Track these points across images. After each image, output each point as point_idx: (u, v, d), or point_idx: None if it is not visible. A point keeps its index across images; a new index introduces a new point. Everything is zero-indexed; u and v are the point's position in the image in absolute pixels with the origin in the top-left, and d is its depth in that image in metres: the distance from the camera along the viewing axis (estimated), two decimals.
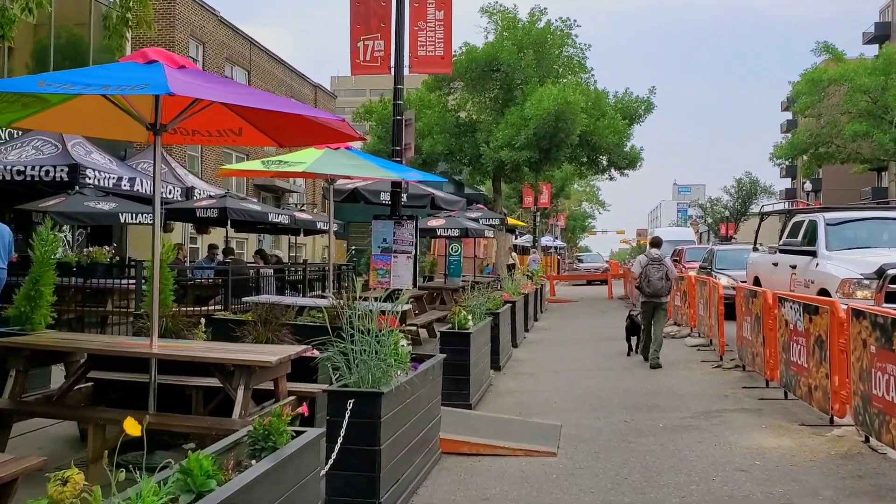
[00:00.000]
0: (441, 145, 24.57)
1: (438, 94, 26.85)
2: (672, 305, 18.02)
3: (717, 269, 20.25)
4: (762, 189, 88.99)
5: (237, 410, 5.02)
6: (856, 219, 11.71)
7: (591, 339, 15.30)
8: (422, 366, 5.78)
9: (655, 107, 27.37)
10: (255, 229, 16.75)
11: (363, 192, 12.22)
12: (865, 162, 33.93)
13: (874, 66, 31.31)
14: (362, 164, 9.32)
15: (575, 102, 22.36)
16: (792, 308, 8.14)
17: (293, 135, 6.40)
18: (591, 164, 28.67)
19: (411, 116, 10.80)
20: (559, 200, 53.75)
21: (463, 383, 8.33)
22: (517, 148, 23.43)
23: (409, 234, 10.87)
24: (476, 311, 9.74)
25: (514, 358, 12.38)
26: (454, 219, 16.58)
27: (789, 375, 8.27)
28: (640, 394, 9.21)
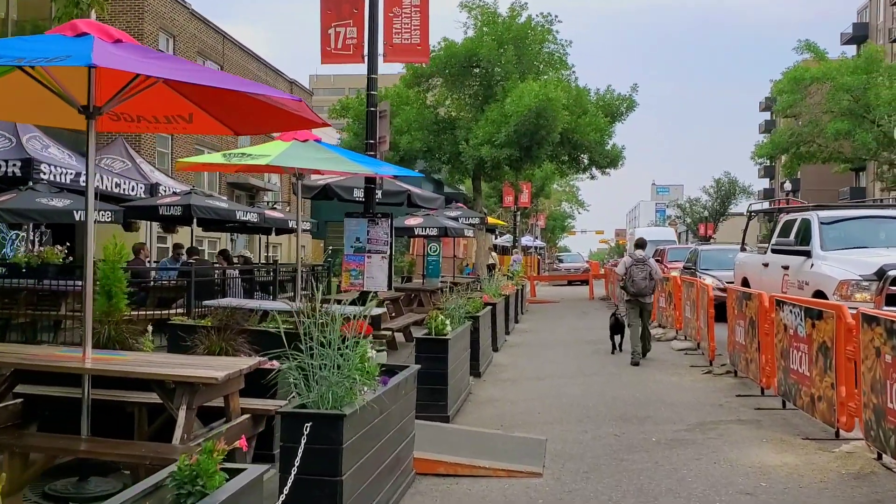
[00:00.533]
0: (419, 142, 23.91)
1: (417, 91, 26.21)
2: (657, 307, 17.54)
3: (701, 269, 19.78)
4: (741, 189, 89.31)
5: (178, 434, 4.37)
6: (851, 217, 11.24)
7: (574, 342, 14.75)
8: (392, 380, 5.15)
9: (637, 105, 26.95)
10: (224, 228, 16.02)
11: (335, 188, 11.56)
12: (847, 161, 33.73)
13: (856, 65, 31.08)
14: (332, 158, 8.67)
15: (556, 99, 21.82)
16: (792, 312, 7.61)
17: (249, 121, 5.75)
18: (572, 163, 28.18)
19: (386, 108, 10.17)
20: (539, 200, 53.30)
21: (440, 394, 7.72)
22: (497, 145, 22.85)
23: (383, 233, 10.23)
24: (454, 314, 9.14)
25: (494, 363, 11.78)
26: (432, 217, 15.96)
27: (789, 384, 7.74)
28: (630, 403, 8.64)
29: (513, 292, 16.81)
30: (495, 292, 14.14)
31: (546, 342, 14.93)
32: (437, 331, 8.03)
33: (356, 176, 10.78)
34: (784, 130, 34.29)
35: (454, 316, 9.09)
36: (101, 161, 15.74)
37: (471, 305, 11.20)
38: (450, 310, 9.17)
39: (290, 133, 9.10)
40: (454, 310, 9.25)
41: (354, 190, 11.17)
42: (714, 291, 11.90)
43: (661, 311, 16.83)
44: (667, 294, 16.25)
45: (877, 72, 30.00)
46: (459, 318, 9.24)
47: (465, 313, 9.98)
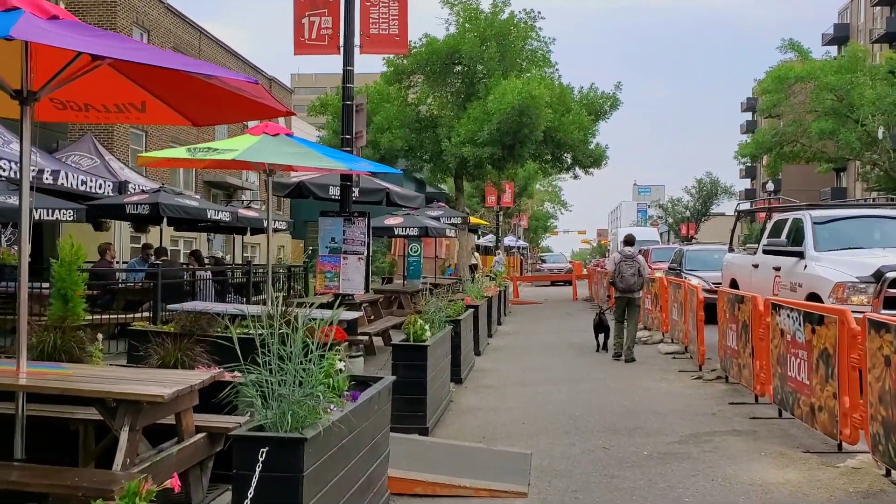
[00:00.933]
0: (401, 141, 23.43)
1: (398, 88, 25.71)
2: (642, 308, 17.17)
3: (687, 269, 19.46)
4: (723, 189, 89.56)
5: (119, 460, 3.87)
6: (845, 217, 10.89)
7: (558, 346, 14.33)
8: (364, 394, 4.68)
9: (621, 103, 26.62)
10: (197, 228, 15.47)
11: (309, 185, 11.05)
12: (830, 161, 33.61)
13: (840, 65, 30.96)
14: (305, 153, 8.18)
15: (540, 97, 21.42)
16: (790, 316, 7.21)
17: (207, 110, 5.26)
18: (555, 162, 27.80)
19: (363, 101, 9.70)
20: (522, 200, 52.96)
21: (419, 404, 7.25)
22: (480, 144, 22.41)
23: (360, 233, 9.75)
24: (434, 318, 8.67)
25: (476, 368, 11.33)
26: (413, 217, 15.48)
27: (785, 392, 7.34)
28: (618, 412, 8.22)
29: (495, 294, 16.39)
30: (478, 294, 13.70)
31: (530, 345, 14.51)
32: (416, 337, 7.56)
33: (331, 173, 10.28)
34: (768, 130, 34.16)
35: (434, 320, 8.62)
36: (67, 158, 15.16)
37: (452, 308, 10.75)
38: (430, 314, 8.70)
39: (259, 127, 8.61)
40: (434, 314, 8.78)
41: (330, 188, 10.68)
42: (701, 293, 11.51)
43: (647, 313, 16.47)
44: (653, 296, 15.90)
45: (860, 71, 29.87)
46: (440, 323, 8.78)
47: (446, 317, 9.52)
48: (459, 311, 10.85)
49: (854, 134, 29.54)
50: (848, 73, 30.07)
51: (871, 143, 30.52)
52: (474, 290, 13.66)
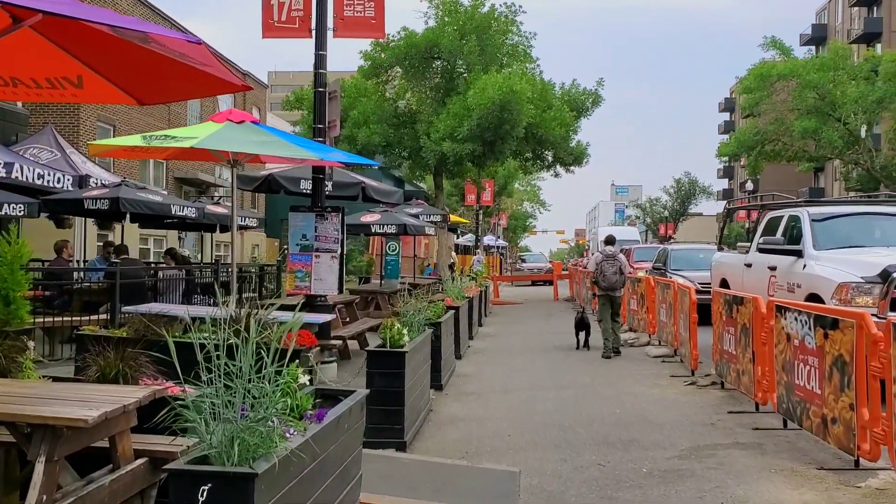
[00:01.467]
0: (378, 136, 22.74)
1: (376, 82, 25.03)
2: (627, 309, 16.68)
3: (671, 269, 18.99)
4: (701, 189, 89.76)
5: (32, 497, 3.20)
6: (844, 214, 10.40)
7: (541, 348, 13.75)
8: (332, 413, 4.04)
9: (603, 100, 26.12)
10: (163, 225, 14.71)
11: (279, 179, 10.36)
12: (812, 160, 33.40)
13: (822, 62, 30.74)
14: (272, 142, 7.51)
15: (521, 92, 20.84)
16: (798, 320, 6.66)
17: (152, 84, 4.60)
18: (535, 160, 27.24)
19: (336, 88, 9.05)
20: (501, 199, 52.45)
21: (396, 415, 6.63)
22: (460, 140, 21.80)
23: (333, 230, 9.10)
24: (413, 321, 8.05)
25: (458, 373, 10.72)
26: (391, 214, 14.83)
27: (792, 402, 6.80)
28: (610, 422, 7.64)
29: (476, 294, 15.79)
30: (458, 294, 13.10)
31: (512, 348, 13.92)
32: (393, 342, 6.93)
33: (303, 165, 9.61)
34: (749, 128, 33.89)
35: (412, 323, 8.00)
36: (25, 151, 14.34)
37: (432, 310, 10.14)
38: (408, 316, 8.08)
39: (223, 114, 7.94)
40: (412, 316, 8.16)
41: (301, 181, 10.00)
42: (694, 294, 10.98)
43: (633, 313, 15.97)
44: (639, 296, 15.37)
45: (843, 69, 29.65)
46: (419, 326, 8.16)
47: (426, 320, 8.91)
48: (440, 312, 10.25)
49: (837, 132, 29.30)
50: (830, 71, 29.84)
51: (853, 141, 30.31)
52: (455, 290, 13.04)
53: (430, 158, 22.76)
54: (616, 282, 12.37)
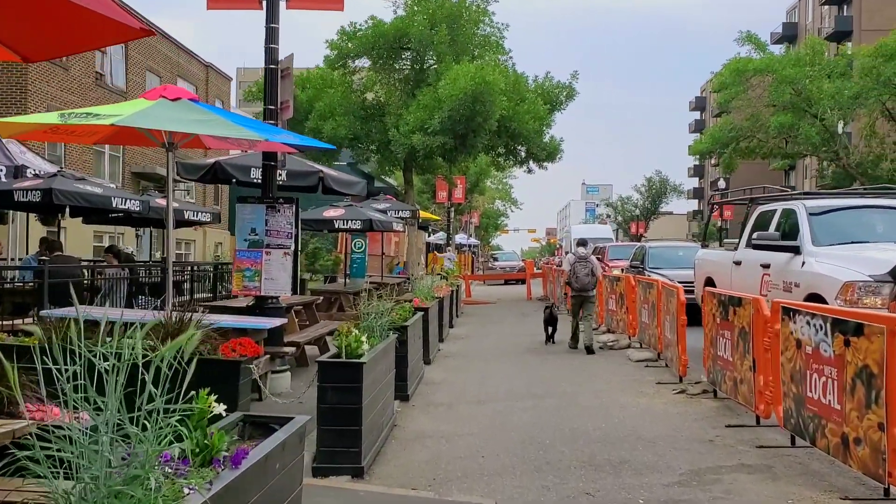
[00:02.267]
0: (345, 129, 21.73)
1: (343, 73, 24.02)
2: (605, 309, 15.92)
3: (650, 267, 18.28)
4: (672, 188, 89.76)
5: None
6: (843, 207, 9.67)
7: (516, 351, 12.90)
8: (253, 455, 3.10)
9: (578, 93, 25.36)
10: (109, 220, 13.59)
11: (227, 167, 9.35)
12: (787, 157, 32.98)
13: (798, 57, 30.30)
14: (211, 120, 6.55)
15: (494, 83, 19.99)
16: (811, 324, 5.86)
17: (36, 33, 3.63)
18: (508, 155, 26.41)
19: (289, 65, 8.09)
20: (473, 196, 51.63)
21: (352, 437, 5.71)
22: (430, 133, 20.88)
23: (286, 223, 8.15)
24: (375, 326, 7.14)
25: (426, 380, 9.83)
26: (356, 209, 13.87)
27: (804, 417, 5.99)
28: (596, 438, 6.79)
29: (447, 294, 14.91)
30: (427, 295, 12.20)
31: (485, 351, 13.05)
32: (350, 351, 6.01)
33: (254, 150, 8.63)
34: (724, 125, 33.40)
35: (374, 328, 7.09)
36: None
37: (398, 312, 9.24)
38: (369, 320, 7.16)
39: (157, 90, 6.96)
40: (374, 320, 7.24)
41: (252, 169, 9.00)
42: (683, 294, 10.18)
43: (611, 314, 15.19)
44: (618, 296, 14.59)
45: (819, 64, 29.22)
46: (381, 331, 7.24)
47: (390, 323, 8.01)
48: (406, 315, 9.35)
49: (814, 128, 28.87)
50: (806, 66, 29.40)
51: (829, 137, 29.92)
52: (424, 290, 12.15)
53: (400, 152, 21.81)
54: (588, 283, 12.80)
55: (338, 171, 13.61)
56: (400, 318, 8.96)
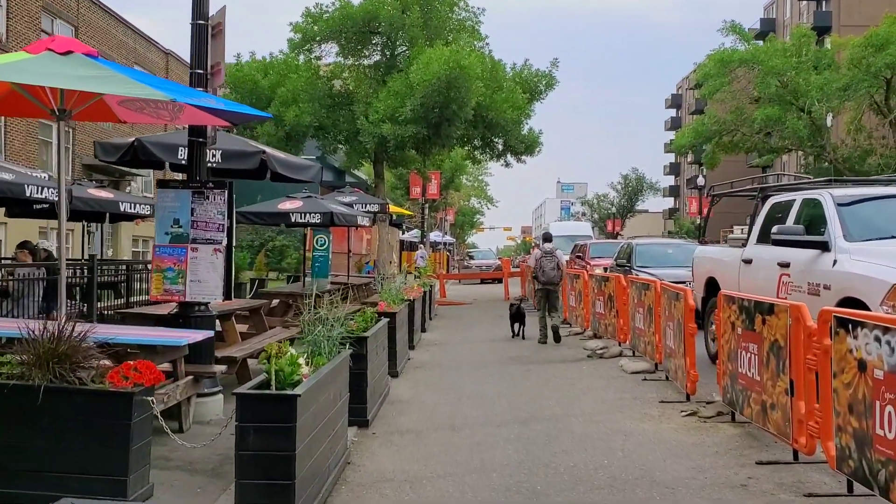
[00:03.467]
0: (309, 116, 20.14)
1: (308, 58, 22.46)
2: (590, 312, 14.56)
3: (637, 266, 16.96)
4: (648, 186, 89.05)
5: None
6: (877, 196, 8.37)
7: (496, 360, 11.51)
8: None
9: (558, 82, 24.03)
10: (34, 213, 11.94)
11: (150, 146, 7.74)
12: (772, 151, 31.91)
13: (785, 48, 29.22)
14: (107, 76, 5.06)
15: (470, 67, 18.56)
16: (884, 341, 4.50)
17: None
18: (485, 148, 24.99)
19: (221, 20, 6.60)
20: (449, 193, 50.19)
21: (282, 494, 4.27)
22: (401, 122, 19.42)
23: (216, 213, 6.67)
24: (322, 341, 5.69)
25: (392, 398, 8.40)
26: (316, 201, 12.34)
27: (871, 461, 4.64)
28: (600, 482, 5.40)
29: (419, 296, 13.48)
30: (396, 298, 10.76)
31: (460, 359, 11.65)
32: (282, 380, 4.57)
33: (178, 126, 7.12)
34: (707, 118, 32.23)
35: (321, 343, 5.65)
36: None
37: (359, 319, 7.83)
38: (315, 333, 5.71)
39: (43, 42, 5.46)
40: (323, 332, 5.79)
41: (180, 149, 7.44)
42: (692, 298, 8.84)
43: (598, 318, 13.80)
44: (606, 297, 13.21)
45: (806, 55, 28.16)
46: (332, 347, 5.79)
47: (346, 334, 6.59)
48: (367, 323, 7.94)
49: (802, 121, 27.80)
50: (793, 57, 28.33)
51: (816, 131, 28.90)
52: (391, 292, 10.71)
53: (369, 143, 20.30)
54: (554, 276, 13.24)
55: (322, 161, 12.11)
56: (360, 327, 7.53)
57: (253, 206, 13.54)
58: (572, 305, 15.67)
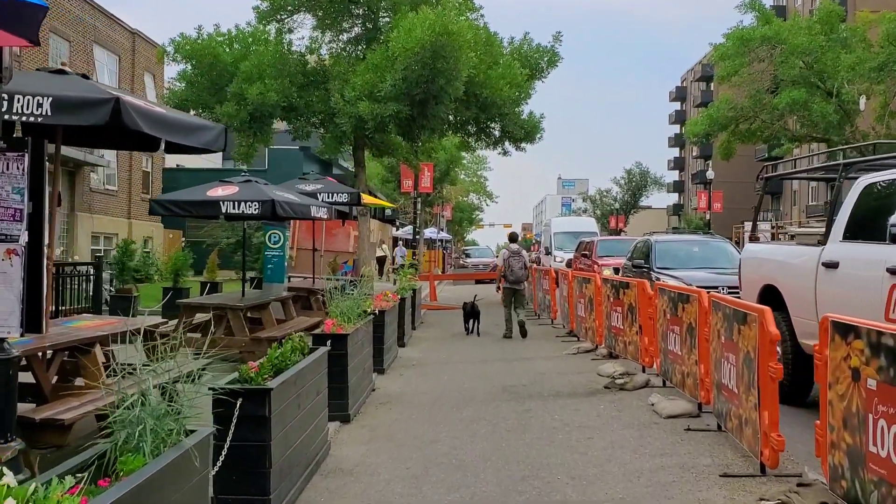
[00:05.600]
0: (276, 94, 17.43)
1: (278, 29, 19.75)
2: (603, 325, 11.88)
3: (658, 268, 14.31)
4: (653, 180, 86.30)
5: None
6: None
7: (485, 393, 8.85)
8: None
9: (562, 59, 21.32)
10: None
11: None
12: (794, 140, 29.14)
13: (810, 25, 26.51)
14: None
15: (458, 34, 15.87)
16: None
17: None
18: (480, 134, 22.25)
19: None
20: (444, 186, 47.44)
21: None
22: (381, 99, 16.73)
23: (11, 191, 4.00)
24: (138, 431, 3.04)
25: (329, 468, 5.79)
26: (255, 186, 9.64)
27: None
28: None
29: (390, 306, 10.82)
30: (350, 313, 8.10)
31: (440, 392, 9.00)
32: None
33: None
34: (723, 103, 29.49)
35: (138, 433, 3.01)
36: None
37: (275, 357, 5.28)
38: (130, 416, 3.06)
39: None
40: (145, 414, 3.14)
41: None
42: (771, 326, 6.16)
43: (615, 333, 11.08)
44: (625, 309, 10.50)
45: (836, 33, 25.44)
46: (162, 437, 3.16)
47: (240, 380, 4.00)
48: (287, 358, 5.39)
49: (831, 105, 25.08)
50: (821, 35, 25.61)
51: (845, 117, 26.19)
52: (345, 306, 8.04)
53: (345, 124, 17.60)
54: (521, 275, 13.84)
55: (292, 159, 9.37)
56: (265, 369, 4.91)
57: (173, 193, 10.92)
58: (581, 315, 12.99)
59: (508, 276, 13.71)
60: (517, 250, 13.91)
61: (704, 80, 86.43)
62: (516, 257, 13.73)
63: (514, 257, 13.71)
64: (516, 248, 14.01)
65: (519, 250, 13.94)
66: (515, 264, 13.66)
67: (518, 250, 13.93)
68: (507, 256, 13.83)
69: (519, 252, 13.87)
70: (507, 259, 13.78)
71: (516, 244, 14.31)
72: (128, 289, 12.09)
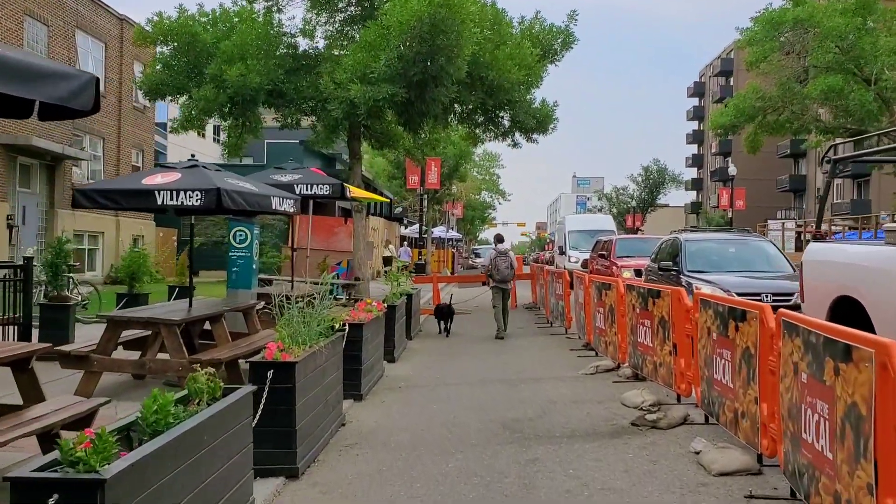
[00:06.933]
0: (259, 77, 15.67)
1: (267, 8, 17.99)
2: (626, 342, 10.02)
3: (688, 271, 12.43)
4: (670, 178, 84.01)
5: None
6: None
7: (480, 433, 7.03)
8: None
9: (577, 40, 19.44)
10: None
11: None
12: (827, 132, 27.08)
13: (845, 7, 24.49)
14: None
15: (460, 5, 14.04)
16: None
17: None
18: (488, 124, 20.35)
19: None
20: (453, 183, 45.57)
21: None
22: (374, 81, 14.94)
23: None
24: None
25: None
26: (199, 172, 7.84)
27: None
28: None
29: (375, 317, 9.04)
30: (310, 332, 6.31)
31: (425, 429, 7.18)
32: None
33: None
34: (750, 93, 27.47)
35: None
36: None
37: (148, 412, 3.49)
38: None
39: None
40: None
41: None
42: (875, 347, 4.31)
43: (641, 350, 9.21)
44: (656, 322, 8.64)
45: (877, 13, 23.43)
46: None
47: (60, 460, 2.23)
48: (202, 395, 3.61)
49: (870, 93, 23.06)
50: (858, 17, 23.59)
51: (884, 105, 24.17)
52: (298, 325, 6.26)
53: (337, 110, 15.80)
54: (507, 275, 14.33)
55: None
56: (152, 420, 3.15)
57: (104, 181, 9.23)
58: (600, 327, 11.14)
59: (495, 276, 14.24)
60: (504, 250, 14.63)
61: (724, 75, 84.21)
62: (502, 257, 14.35)
63: (500, 257, 14.34)
64: (503, 249, 14.74)
65: (506, 251, 14.66)
66: (501, 264, 14.24)
67: (505, 251, 14.63)
68: (493, 256, 14.47)
69: (506, 252, 14.56)
70: (493, 259, 14.39)
71: (503, 244, 15.10)
72: (64, 297, 10.36)
